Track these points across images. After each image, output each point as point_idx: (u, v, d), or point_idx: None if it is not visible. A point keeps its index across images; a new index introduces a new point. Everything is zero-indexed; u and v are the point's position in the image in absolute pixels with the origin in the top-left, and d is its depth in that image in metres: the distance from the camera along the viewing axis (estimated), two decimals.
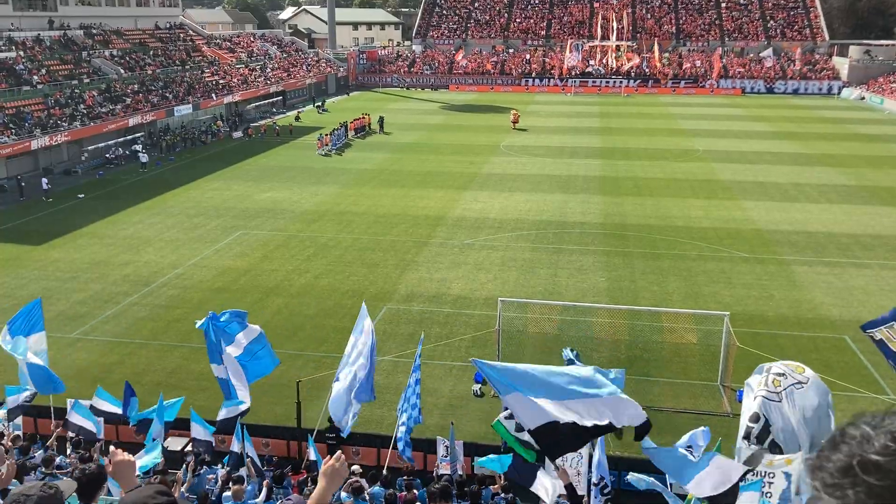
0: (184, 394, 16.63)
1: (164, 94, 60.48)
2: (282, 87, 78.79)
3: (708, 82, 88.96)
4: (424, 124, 65.74)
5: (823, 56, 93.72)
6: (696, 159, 49.87)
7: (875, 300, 25.70)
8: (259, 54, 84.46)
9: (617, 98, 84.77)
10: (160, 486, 3.54)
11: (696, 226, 34.34)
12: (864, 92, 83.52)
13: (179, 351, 22.28)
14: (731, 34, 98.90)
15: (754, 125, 64.42)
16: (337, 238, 32.91)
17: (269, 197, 40.19)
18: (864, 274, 28.24)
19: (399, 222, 35.19)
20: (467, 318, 24.31)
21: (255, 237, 33.15)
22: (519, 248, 31.23)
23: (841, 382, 19.39)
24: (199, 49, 75.69)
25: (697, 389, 19.73)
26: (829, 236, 32.74)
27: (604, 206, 37.89)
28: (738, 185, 42.32)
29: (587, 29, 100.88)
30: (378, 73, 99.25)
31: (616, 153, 51.79)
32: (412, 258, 30.17)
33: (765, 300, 25.74)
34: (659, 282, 27.44)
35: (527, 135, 59.43)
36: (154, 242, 32.54)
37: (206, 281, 27.88)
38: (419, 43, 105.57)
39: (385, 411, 18.16)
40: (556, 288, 26.78)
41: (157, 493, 3.45)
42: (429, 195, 40.21)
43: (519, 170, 46.59)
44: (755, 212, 36.62)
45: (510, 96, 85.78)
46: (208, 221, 35.66)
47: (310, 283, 27.64)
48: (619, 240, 32.43)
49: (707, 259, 29.86)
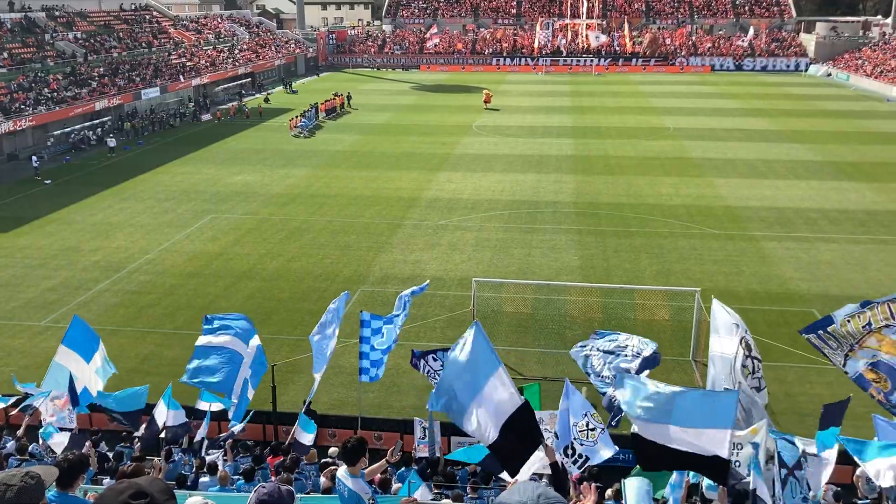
0: (158, 380, 16.51)
1: (130, 78, 59.51)
2: (250, 68, 77.85)
3: (678, 60, 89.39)
4: (396, 105, 65.40)
5: (791, 33, 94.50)
6: (667, 137, 50.20)
7: (842, 274, 26.16)
8: (227, 36, 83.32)
9: (588, 77, 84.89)
10: (136, 485, 3.39)
11: (668, 203, 34.63)
12: (830, 68, 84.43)
13: (152, 337, 22.11)
14: (699, 11, 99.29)
15: (724, 102, 64.93)
16: (309, 221, 32.74)
17: (239, 180, 39.82)
18: (831, 248, 28.70)
19: (372, 204, 35.08)
20: (442, 298, 24.36)
21: (226, 221, 32.87)
22: (493, 229, 31.30)
23: (809, 355, 19.74)
24: (166, 31, 74.49)
25: (670, 365, 19.97)
26: (798, 212, 33.20)
27: (576, 185, 38.05)
28: (709, 162, 42.70)
29: (557, 7, 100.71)
30: (348, 53, 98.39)
31: (588, 132, 51.96)
32: (386, 240, 30.12)
33: (735, 276, 26.09)
34: (631, 259, 27.68)
35: (499, 115, 59.38)
36: (124, 228, 32.15)
37: (178, 266, 27.63)
38: (389, 22, 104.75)
39: (369, 395, 18.19)
40: (529, 267, 26.91)
41: (131, 496, 3.28)
42: (402, 176, 40.09)
43: (492, 150, 46.58)
44: (725, 189, 37.00)
45: (482, 76, 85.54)
46: (179, 206, 35.28)
47: (283, 266, 27.51)
48: (592, 218, 32.62)
49: (678, 236, 30.16)
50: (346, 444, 7.71)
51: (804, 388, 19.09)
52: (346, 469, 7.62)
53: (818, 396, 18.59)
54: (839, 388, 18.91)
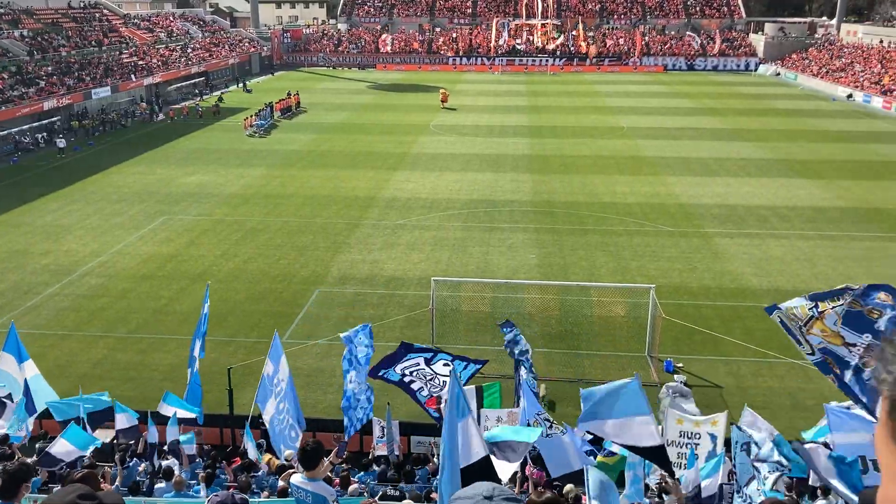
0: (110, 384, 16.22)
1: (80, 77, 58.24)
2: (204, 67, 76.75)
3: (631, 60, 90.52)
4: (352, 104, 65.09)
5: (741, 33, 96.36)
6: (622, 136, 50.80)
7: (792, 269, 26.77)
8: (179, 34, 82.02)
9: (543, 76, 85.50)
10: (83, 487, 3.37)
11: (623, 202, 35.05)
12: (779, 68, 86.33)
13: (105, 341, 21.67)
14: (652, 12, 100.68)
15: (677, 102, 65.93)
16: (265, 221, 32.41)
17: (193, 181, 39.25)
18: (781, 244, 29.34)
19: (329, 204, 34.87)
20: (401, 298, 24.32)
21: (180, 222, 32.37)
22: (451, 228, 31.34)
23: (761, 349, 20.20)
24: (117, 29, 73.04)
25: (626, 361, 20.21)
26: (749, 209, 33.86)
27: (533, 184, 38.30)
28: (662, 160, 43.32)
29: (513, 7, 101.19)
30: (303, 52, 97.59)
31: (544, 131, 52.33)
32: (344, 240, 29.96)
33: (689, 272, 26.53)
34: (587, 257, 27.96)
35: (456, 114, 59.48)
36: (74, 230, 31.45)
37: (131, 268, 27.14)
38: (344, 21, 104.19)
39: (328, 396, 18.07)
40: (488, 266, 27.01)
41: (79, 497, 3.28)
42: (359, 176, 39.92)
43: (449, 149, 46.64)
44: (678, 187, 37.59)
45: (438, 75, 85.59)
46: (131, 207, 34.64)
47: (238, 267, 27.18)
48: (549, 217, 32.87)
49: (633, 234, 30.54)
50: (304, 448, 7.66)
51: (756, 381, 19.48)
52: (304, 474, 7.56)
53: (770, 389, 19.01)
54: (790, 382, 19.38)
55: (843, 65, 76.98)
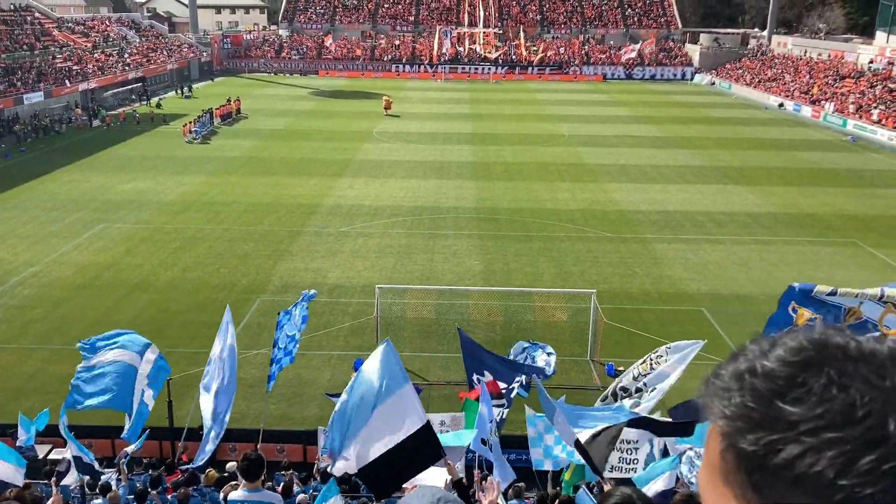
0: (45, 398, 15.74)
1: (11, 81, 56.45)
2: (141, 73, 75.19)
3: (571, 69, 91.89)
4: (294, 111, 64.55)
5: (677, 43, 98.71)
6: (563, 144, 51.50)
7: (728, 273, 27.49)
8: (116, 39, 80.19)
9: (486, 84, 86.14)
10: None
11: (564, 208, 35.53)
12: (714, 77, 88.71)
13: (39, 353, 21.02)
14: (591, 22, 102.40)
15: (616, 110, 67.15)
16: (205, 229, 31.88)
17: (131, 188, 38.39)
18: (717, 249, 30.11)
19: (271, 211, 34.49)
20: (345, 306, 24.19)
21: (117, 230, 31.62)
22: (395, 235, 31.32)
23: (699, 352, 20.64)
24: (50, 33, 71.03)
25: (569, 365, 20.47)
26: (686, 215, 34.67)
27: (477, 190, 38.54)
28: (602, 168, 44.05)
29: (455, 15, 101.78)
30: (244, 58, 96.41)
31: (487, 139, 52.72)
32: (286, 248, 29.67)
33: (629, 277, 27.02)
34: (531, 263, 28.25)
35: (399, 121, 59.49)
36: (7, 239, 30.44)
37: (66, 278, 26.38)
38: (286, 27, 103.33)
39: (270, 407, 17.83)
40: (432, 273, 27.07)
41: None
42: (301, 183, 39.59)
43: (393, 156, 46.61)
44: (618, 193, 38.26)
45: (381, 82, 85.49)
46: (66, 215, 33.70)
47: (177, 276, 26.68)
48: (493, 223, 33.11)
49: (575, 240, 30.97)
50: (246, 460, 7.57)
51: (696, 384, 19.87)
52: (245, 486, 7.48)
53: None
54: None
55: (775, 75, 79.51)
